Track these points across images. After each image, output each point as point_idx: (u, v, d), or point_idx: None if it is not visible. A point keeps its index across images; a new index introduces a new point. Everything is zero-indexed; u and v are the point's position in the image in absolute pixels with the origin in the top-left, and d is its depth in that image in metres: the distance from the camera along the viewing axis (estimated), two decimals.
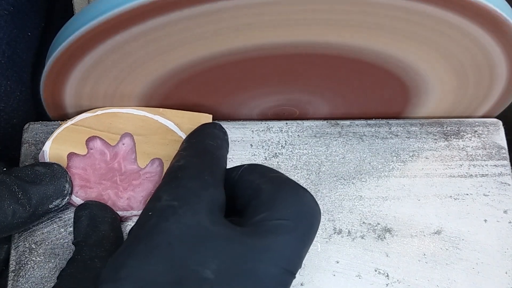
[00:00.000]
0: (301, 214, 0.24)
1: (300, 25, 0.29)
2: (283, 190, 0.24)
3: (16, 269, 0.32)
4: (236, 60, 0.32)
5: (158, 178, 0.34)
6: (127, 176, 0.34)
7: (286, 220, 0.23)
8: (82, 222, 0.30)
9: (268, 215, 0.23)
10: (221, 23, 0.28)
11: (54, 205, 0.31)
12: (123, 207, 0.33)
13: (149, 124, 0.34)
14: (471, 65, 0.33)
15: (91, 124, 0.34)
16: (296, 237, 0.23)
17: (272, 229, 0.23)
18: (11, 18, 0.33)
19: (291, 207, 0.24)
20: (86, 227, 0.30)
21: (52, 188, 0.30)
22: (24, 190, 0.28)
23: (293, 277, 0.23)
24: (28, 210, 0.28)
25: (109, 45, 0.28)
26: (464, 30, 0.29)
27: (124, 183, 0.33)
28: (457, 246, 0.34)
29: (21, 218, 0.28)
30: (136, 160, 0.34)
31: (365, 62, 0.32)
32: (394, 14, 0.28)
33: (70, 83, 0.32)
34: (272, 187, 0.25)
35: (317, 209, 0.25)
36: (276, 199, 0.24)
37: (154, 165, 0.34)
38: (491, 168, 0.36)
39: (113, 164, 0.34)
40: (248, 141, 0.36)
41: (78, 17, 0.27)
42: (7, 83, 0.35)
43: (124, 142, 0.34)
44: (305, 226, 0.24)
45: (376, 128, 0.37)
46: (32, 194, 0.29)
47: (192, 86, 0.34)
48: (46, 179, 0.30)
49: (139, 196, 0.33)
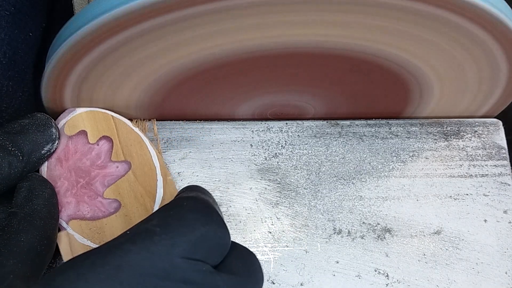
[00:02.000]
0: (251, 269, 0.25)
1: (301, 25, 0.29)
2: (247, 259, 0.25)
3: None
4: (236, 61, 0.32)
5: (101, 216, 0.33)
6: (88, 190, 0.33)
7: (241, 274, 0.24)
8: (21, 192, 0.30)
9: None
10: (219, 25, 0.28)
11: (46, 150, 0.31)
12: (61, 204, 0.32)
13: (150, 176, 0.34)
14: (471, 65, 0.33)
15: (120, 130, 0.34)
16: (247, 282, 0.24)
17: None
18: (12, 18, 0.33)
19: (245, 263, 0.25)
20: (22, 198, 0.29)
21: (40, 135, 0.31)
22: (14, 141, 0.29)
23: None
24: (22, 159, 0.29)
25: (108, 45, 0.29)
26: (464, 30, 0.29)
27: (81, 191, 0.33)
28: (457, 246, 0.34)
29: (17, 168, 0.29)
30: (107, 187, 0.33)
31: (365, 62, 0.32)
32: (395, 15, 0.28)
33: (70, 83, 0.32)
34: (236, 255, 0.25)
35: (261, 274, 0.26)
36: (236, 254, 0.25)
37: (111, 204, 0.33)
38: (491, 168, 0.36)
39: (94, 171, 0.33)
40: (248, 141, 0.36)
41: (77, 18, 0.27)
42: (9, 84, 0.35)
43: (119, 166, 0.34)
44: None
45: (376, 128, 0.37)
46: (22, 143, 0.29)
47: (191, 87, 0.34)
48: (32, 128, 0.31)
49: (74, 210, 0.32)
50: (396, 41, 0.30)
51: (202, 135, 0.36)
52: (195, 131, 0.36)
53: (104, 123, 0.34)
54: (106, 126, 0.34)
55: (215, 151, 0.36)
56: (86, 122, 0.34)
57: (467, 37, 0.30)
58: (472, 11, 0.28)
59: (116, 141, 0.34)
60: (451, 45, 0.31)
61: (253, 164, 0.36)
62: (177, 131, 0.36)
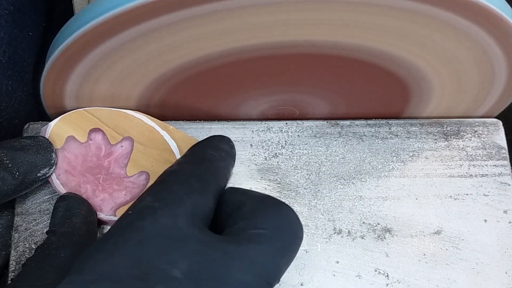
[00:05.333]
0: (281, 227, 0.23)
1: (301, 26, 0.29)
2: (264, 203, 0.24)
3: (16, 269, 0.32)
4: (236, 61, 0.32)
5: (139, 191, 0.33)
6: (111, 178, 0.33)
7: (264, 229, 0.23)
8: (58, 212, 0.31)
9: (247, 224, 0.23)
10: (220, 24, 0.28)
11: (42, 173, 0.31)
12: (94, 206, 0.33)
13: (154, 137, 0.34)
14: (471, 65, 0.33)
15: (101, 117, 0.34)
16: (274, 248, 0.22)
17: (249, 238, 0.22)
18: (11, 17, 0.33)
19: (271, 218, 0.23)
20: (60, 217, 0.30)
21: (39, 157, 0.31)
22: (12, 158, 0.29)
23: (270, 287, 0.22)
24: (17, 177, 0.29)
25: (108, 45, 0.29)
26: (464, 30, 0.30)
27: (106, 183, 0.33)
28: (457, 246, 0.34)
29: (11, 185, 0.29)
30: (126, 166, 0.34)
31: (364, 62, 0.32)
32: (394, 14, 0.28)
33: (70, 83, 0.32)
34: (253, 201, 0.24)
35: (299, 226, 0.24)
36: (257, 211, 0.24)
37: (140, 178, 0.34)
38: (491, 168, 0.36)
39: (104, 161, 0.34)
40: (248, 141, 0.36)
41: (77, 17, 0.27)
42: (8, 83, 0.35)
43: (123, 145, 0.34)
44: (284, 238, 0.23)
45: (376, 128, 0.37)
46: (20, 162, 0.29)
47: (191, 86, 0.34)
48: (32, 149, 0.31)
49: (113, 201, 0.33)
50: (395, 40, 0.31)
51: (202, 135, 0.36)
52: (195, 131, 0.36)
53: (82, 119, 0.34)
54: (86, 121, 0.34)
55: None
56: (66, 128, 0.34)
57: (467, 36, 0.30)
58: (472, 10, 0.28)
59: (105, 128, 0.34)
60: (451, 45, 0.31)
61: (253, 164, 0.36)
62: None
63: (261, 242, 0.22)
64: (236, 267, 0.21)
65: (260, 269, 0.22)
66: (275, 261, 0.22)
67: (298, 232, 0.24)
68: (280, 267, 0.23)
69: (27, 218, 0.33)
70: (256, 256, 0.22)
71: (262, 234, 0.23)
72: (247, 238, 0.22)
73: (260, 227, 0.23)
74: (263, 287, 0.22)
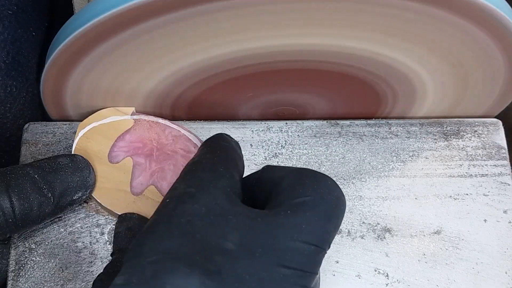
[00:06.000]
0: (323, 193, 0.23)
1: (301, 26, 0.29)
2: (303, 174, 0.24)
3: (16, 269, 0.32)
4: (235, 66, 0.32)
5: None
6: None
7: (307, 197, 0.23)
8: (120, 233, 0.31)
9: (288, 195, 0.23)
10: (219, 24, 0.28)
11: (78, 196, 0.31)
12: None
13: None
14: (469, 64, 0.33)
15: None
16: (320, 212, 0.23)
17: (294, 207, 0.23)
18: (15, 18, 0.33)
19: (312, 187, 0.24)
20: (123, 237, 0.30)
21: (75, 179, 0.30)
22: (48, 182, 0.29)
23: (323, 252, 0.23)
24: (52, 201, 0.29)
25: (108, 45, 0.29)
26: (463, 30, 0.30)
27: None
28: (457, 246, 0.34)
29: (46, 209, 0.29)
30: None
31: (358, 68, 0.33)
32: (394, 14, 0.28)
33: (70, 82, 0.32)
34: (292, 174, 0.25)
35: (340, 192, 0.24)
36: (296, 181, 0.24)
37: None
38: (491, 168, 0.36)
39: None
40: (248, 141, 0.37)
41: (77, 17, 0.28)
42: (13, 84, 0.35)
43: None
44: (328, 203, 0.23)
45: (376, 128, 0.37)
46: (55, 185, 0.29)
47: (191, 87, 0.34)
48: (69, 170, 0.30)
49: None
50: (395, 41, 0.31)
51: (202, 135, 0.36)
52: (195, 131, 0.36)
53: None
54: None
55: None
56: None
57: (466, 36, 0.30)
58: (471, 10, 0.28)
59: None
60: (450, 44, 0.31)
61: (253, 164, 0.36)
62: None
63: (306, 210, 0.23)
64: (285, 235, 0.22)
65: (309, 235, 0.22)
66: (323, 225, 0.23)
67: (340, 197, 0.24)
68: (329, 231, 0.23)
69: None
70: (302, 223, 0.22)
71: (305, 201, 0.23)
72: (291, 208, 0.23)
73: (302, 195, 0.23)
74: (315, 252, 0.22)
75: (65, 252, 0.32)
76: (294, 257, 0.21)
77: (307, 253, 0.22)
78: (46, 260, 0.32)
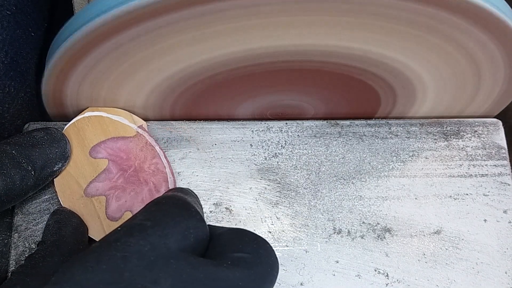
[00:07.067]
0: (261, 254, 0.23)
1: (301, 26, 0.29)
2: (243, 232, 0.25)
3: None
4: (235, 66, 0.32)
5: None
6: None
7: (245, 254, 0.23)
8: (49, 226, 0.31)
9: (228, 248, 0.23)
10: (219, 25, 0.28)
11: (58, 167, 0.31)
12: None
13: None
14: (470, 65, 0.33)
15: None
16: (257, 273, 0.23)
17: (231, 261, 0.22)
18: (13, 18, 0.33)
19: (251, 245, 0.24)
20: (50, 229, 0.30)
21: (54, 150, 0.31)
22: (26, 156, 0.29)
23: None
24: (33, 174, 0.29)
25: (108, 46, 0.29)
26: (463, 30, 0.30)
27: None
28: (457, 246, 0.34)
29: (29, 182, 0.29)
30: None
31: (356, 68, 0.33)
32: (394, 14, 0.28)
33: (70, 83, 0.32)
34: (232, 231, 0.25)
35: (275, 258, 0.24)
36: (236, 238, 0.24)
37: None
38: (491, 168, 0.36)
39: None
40: (248, 141, 0.36)
41: (77, 18, 0.28)
42: (11, 84, 0.35)
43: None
44: (264, 266, 0.23)
45: (376, 128, 0.37)
46: (35, 159, 0.29)
47: (191, 87, 0.34)
48: (45, 143, 0.31)
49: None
50: (395, 41, 0.31)
51: (202, 135, 0.36)
52: (195, 131, 0.36)
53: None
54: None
55: (215, 151, 0.36)
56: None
57: (466, 36, 0.30)
58: (471, 10, 0.28)
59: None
60: (450, 44, 0.31)
61: (253, 164, 0.36)
62: (177, 131, 0.36)
63: (243, 267, 0.22)
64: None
65: None
66: (256, 286, 0.23)
67: (275, 263, 0.24)
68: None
69: (27, 218, 0.33)
70: (238, 280, 0.22)
71: (243, 258, 0.23)
72: (229, 261, 0.22)
73: (243, 251, 0.23)
74: None
75: None
76: None
77: None
78: None
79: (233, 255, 0.23)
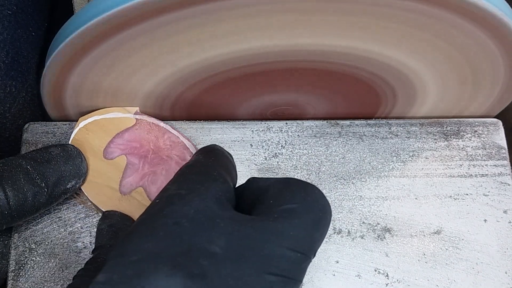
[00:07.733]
0: (310, 202, 0.24)
1: (301, 26, 0.29)
2: (289, 183, 0.25)
3: (16, 269, 0.32)
4: (235, 66, 0.32)
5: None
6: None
7: (294, 204, 0.23)
8: (102, 230, 0.31)
9: (276, 202, 0.23)
10: (219, 25, 0.28)
11: (71, 185, 0.31)
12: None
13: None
14: (470, 65, 0.33)
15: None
16: (307, 220, 0.23)
17: (282, 213, 0.23)
18: (14, 18, 0.33)
19: (299, 195, 0.24)
20: (105, 234, 0.31)
21: (68, 168, 0.31)
22: (40, 172, 0.29)
23: (308, 260, 0.23)
24: (46, 191, 0.29)
25: (108, 45, 0.29)
26: (463, 30, 0.30)
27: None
28: (457, 246, 0.34)
29: (41, 199, 0.29)
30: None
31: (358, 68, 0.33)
32: (393, 14, 0.28)
33: (70, 83, 0.32)
34: (279, 183, 0.25)
35: (326, 202, 0.24)
36: (284, 190, 0.24)
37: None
38: (491, 168, 0.36)
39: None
40: (248, 141, 0.37)
41: (77, 17, 0.28)
42: (12, 84, 0.35)
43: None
44: (316, 212, 0.23)
45: (376, 128, 0.37)
46: (49, 175, 0.29)
47: (191, 87, 0.34)
48: (61, 159, 0.30)
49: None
50: (395, 41, 0.31)
51: (202, 135, 0.36)
52: (195, 131, 0.36)
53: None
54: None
55: None
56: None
57: (466, 36, 0.30)
58: (471, 10, 0.28)
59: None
60: (450, 44, 0.31)
61: (253, 164, 0.36)
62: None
63: (293, 217, 0.23)
64: (272, 241, 0.22)
65: (296, 242, 0.22)
66: (310, 234, 0.23)
67: (326, 207, 0.24)
68: (315, 240, 0.23)
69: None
70: (290, 230, 0.22)
71: (292, 209, 0.23)
72: (278, 214, 0.23)
73: (290, 203, 0.23)
74: (301, 260, 0.22)
75: (65, 252, 0.33)
76: (280, 264, 0.21)
77: (293, 260, 0.22)
78: (46, 260, 0.32)
79: (280, 208, 0.23)
